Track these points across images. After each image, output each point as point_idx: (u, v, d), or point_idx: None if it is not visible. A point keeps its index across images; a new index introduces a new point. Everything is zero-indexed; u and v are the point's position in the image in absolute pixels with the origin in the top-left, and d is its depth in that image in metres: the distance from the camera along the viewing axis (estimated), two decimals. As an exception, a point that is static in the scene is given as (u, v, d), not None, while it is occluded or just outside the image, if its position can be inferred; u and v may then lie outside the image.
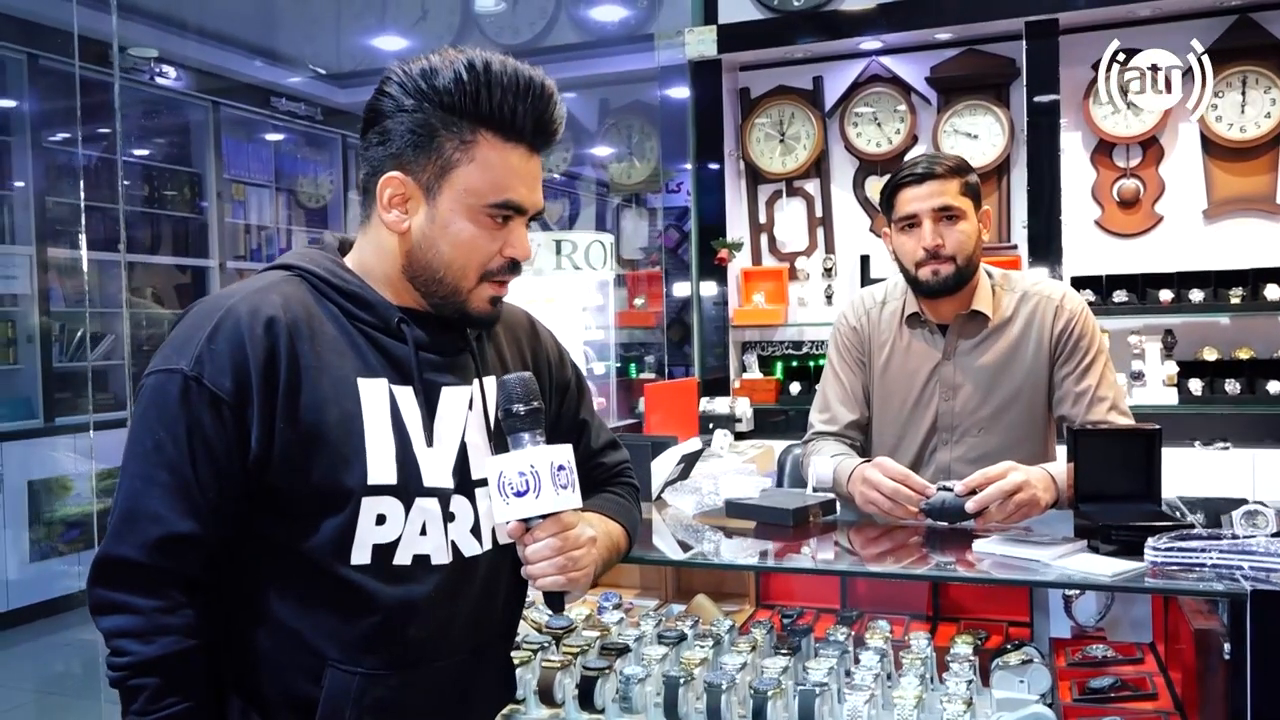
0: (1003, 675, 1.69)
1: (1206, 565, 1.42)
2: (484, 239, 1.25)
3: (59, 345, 5.90)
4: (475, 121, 1.22)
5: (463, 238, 1.25)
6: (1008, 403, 2.13)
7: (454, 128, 1.22)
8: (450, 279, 1.26)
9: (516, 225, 1.27)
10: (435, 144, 1.23)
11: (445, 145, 1.23)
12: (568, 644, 1.83)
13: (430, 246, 1.26)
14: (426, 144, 1.23)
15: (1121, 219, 4.24)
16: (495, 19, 5.53)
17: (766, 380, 4.63)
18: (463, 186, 1.23)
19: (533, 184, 1.28)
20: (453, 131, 1.23)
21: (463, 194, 1.24)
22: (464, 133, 1.22)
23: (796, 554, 1.80)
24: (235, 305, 1.22)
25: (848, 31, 4.39)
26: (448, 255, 1.25)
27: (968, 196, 2.09)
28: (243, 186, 7.19)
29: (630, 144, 5.96)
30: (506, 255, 1.27)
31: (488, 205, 1.24)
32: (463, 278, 1.26)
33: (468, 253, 1.25)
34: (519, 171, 1.25)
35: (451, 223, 1.25)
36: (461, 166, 1.23)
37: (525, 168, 1.26)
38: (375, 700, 1.24)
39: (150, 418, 1.19)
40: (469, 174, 1.23)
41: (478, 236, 1.25)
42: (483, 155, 1.23)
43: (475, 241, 1.25)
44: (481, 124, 1.23)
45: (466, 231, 1.25)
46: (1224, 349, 4.08)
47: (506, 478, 1.22)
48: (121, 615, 1.18)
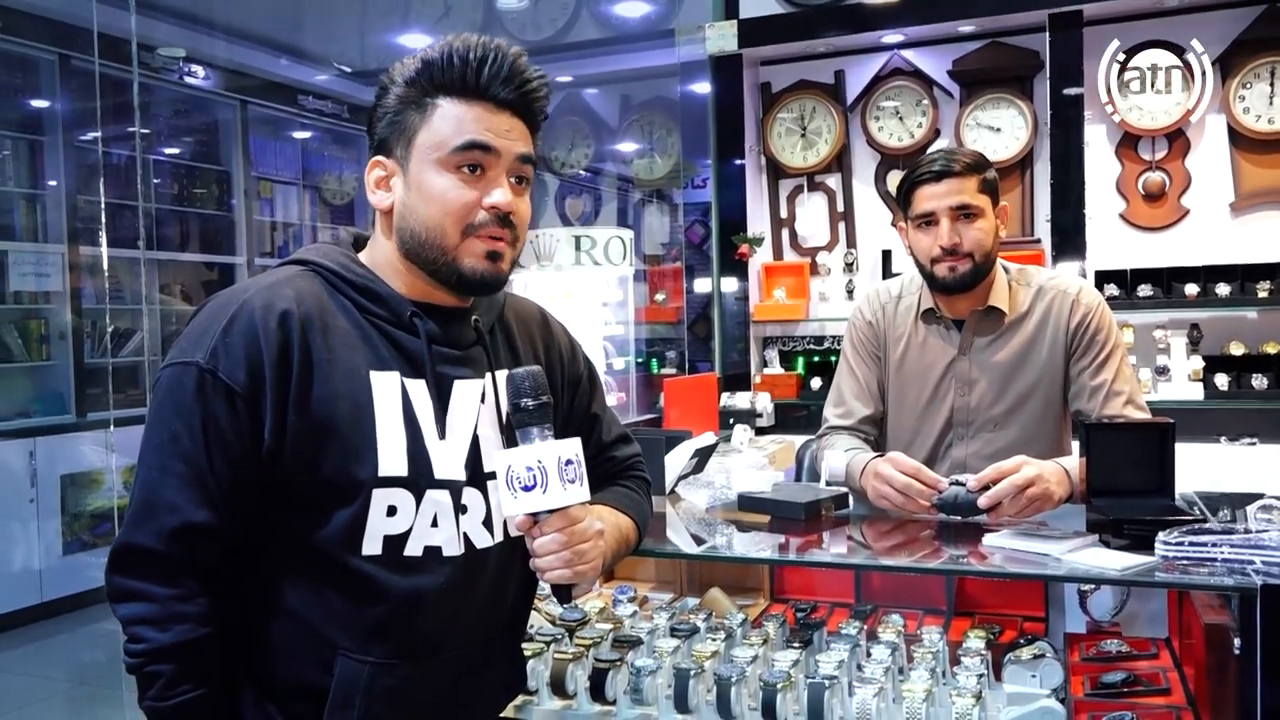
0: (1015, 670, 1.69)
1: (1218, 560, 1.41)
2: (456, 189, 1.26)
3: (90, 342, 6.00)
4: (432, 90, 1.27)
5: (434, 192, 1.27)
6: (1023, 398, 2.12)
7: (414, 101, 1.28)
8: (434, 238, 1.27)
9: (491, 175, 1.28)
10: (401, 120, 1.28)
11: (409, 117, 1.28)
12: (580, 636, 1.85)
13: (410, 213, 1.29)
14: (396, 124, 1.29)
15: (1147, 212, 4.18)
16: (517, 15, 5.55)
17: (788, 375, 4.62)
18: (426, 144, 1.27)
19: (501, 132, 1.27)
20: (413, 104, 1.28)
21: (427, 151, 1.27)
22: (423, 100, 1.27)
23: (808, 548, 1.81)
24: (250, 299, 1.24)
25: (869, 25, 4.36)
26: (424, 214, 1.27)
27: (985, 194, 2.08)
28: (270, 184, 7.27)
29: (652, 140, 5.96)
30: (485, 206, 1.27)
31: (450, 152, 1.26)
32: (443, 234, 1.27)
33: (442, 205, 1.26)
34: (482, 121, 1.27)
35: (422, 182, 1.27)
36: (422, 129, 1.27)
37: (489, 119, 1.27)
38: (385, 689, 1.26)
39: (166, 410, 1.22)
40: (428, 132, 1.27)
41: (449, 188, 1.26)
42: (440, 113, 1.27)
43: (447, 194, 1.26)
44: (438, 91, 1.27)
45: (437, 185, 1.27)
46: (1251, 343, 4.02)
47: (514, 472, 1.24)
48: (138, 603, 1.21)
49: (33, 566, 5.31)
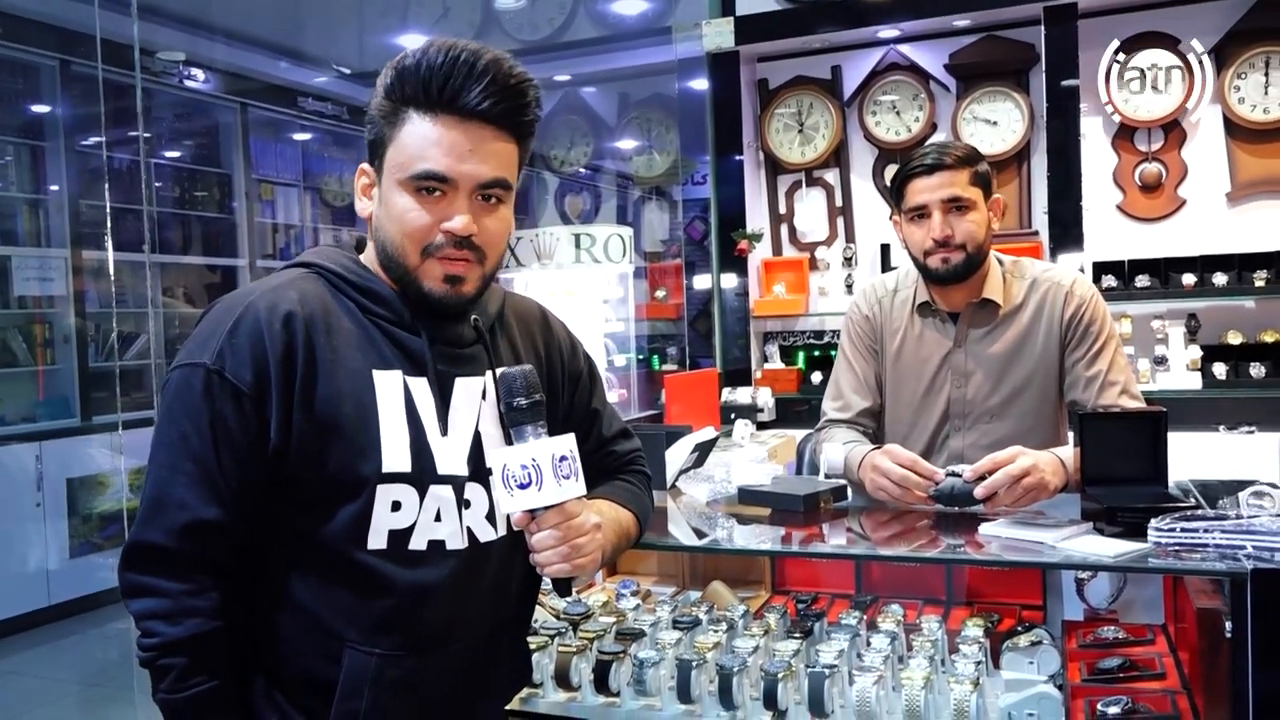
0: (1012, 657, 1.71)
1: (1210, 545, 1.43)
2: (414, 213, 1.27)
3: (94, 346, 6.04)
4: (401, 102, 1.28)
5: (395, 212, 1.29)
6: (1019, 389, 2.14)
7: (387, 113, 1.29)
8: (398, 257, 1.30)
9: (453, 198, 1.27)
10: (377, 132, 1.30)
11: (383, 129, 1.30)
12: (584, 629, 1.87)
13: (381, 226, 1.32)
14: (376, 133, 1.31)
15: (1144, 203, 4.20)
16: (515, 15, 5.57)
17: (788, 370, 4.65)
18: (392, 163, 1.29)
19: (462, 154, 1.26)
20: (386, 116, 1.29)
21: (393, 170, 1.29)
22: (393, 114, 1.28)
23: (809, 540, 1.83)
24: (255, 301, 1.27)
25: (865, 20, 4.38)
26: (389, 231, 1.30)
27: (977, 186, 2.10)
28: (271, 186, 7.30)
29: (650, 137, 5.99)
30: (443, 229, 1.27)
31: (409, 177, 1.27)
32: (405, 254, 1.29)
33: (400, 227, 1.28)
34: (441, 142, 1.25)
35: (389, 200, 1.30)
36: (391, 145, 1.29)
37: (452, 137, 1.25)
38: (392, 681, 1.29)
39: (175, 410, 1.25)
40: (394, 150, 1.28)
41: (408, 210, 1.28)
42: (406, 130, 1.28)
43: (406, 215, 1.28)
44: (406, 103, 1.28)
45: (399, 206, 1.28)
46: (1248, 332, 4.04)
47: (510, 470, 1.26)
48: (150, 598, 1.24)
49: (41, 569, 5.35)
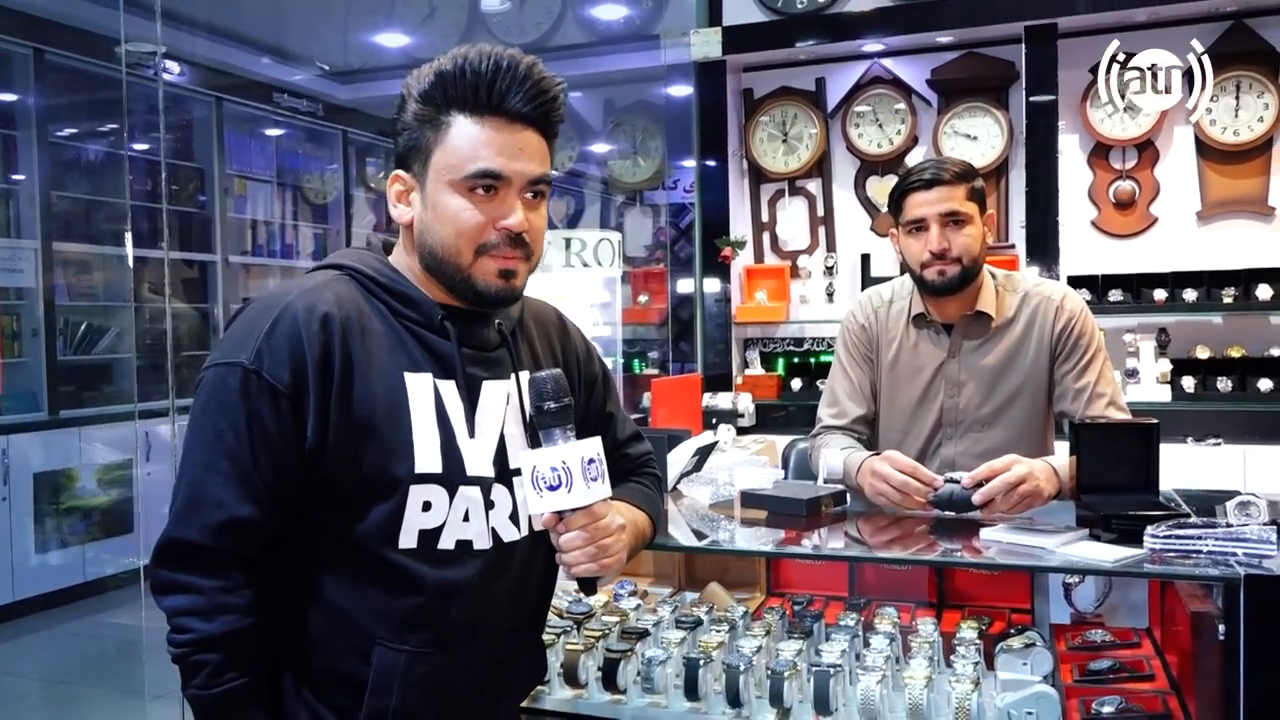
0: (1007, 658, 1.76)
1: (1202, 552, 1.49)
2: (469, 212, 1.30)
3: (63, 339, 5.95)
4: (446, 106, 1.30)
5: (448, 213, 1.31)
6: (1009, 400, 2.21)
7: (429, 118, 1.31)
8: (449, 258, 1.32)
9: (505, 196, 1.31)
10: (419, 136, 1.32)
11: (425, 134, 1.32)
12: (589, 628, 1.90)
13: (427, 230, 1.33)
14: (415, 139, 1.32)
15: (1117, 220, 4.32)
16: (502, 18, 5.59)
17: (768, 376, 4.71)
18: (441, 165, 1.31)
19: (514, 153, 1.30)
20: (429, 121, 1.31)
21: (442, 172, 1.31)
22: (438, 118, 1.31)
23: (810, 542, 1.88)
24: (292, 302, 1.29)
25: (850, 34, 4.46)
26: (440, 234, 1.32)
27: (973, 201, 2.16)
28: (245, 181, 7.24)
29: (635, 143, 6.03)
30: (498, 227, 1.31)
31: (463, 177, 1.29)
32: (458, 254, 1.31)
33: (456, 226, 1.30)
34: (493, 143, 1.29)
35: (438, 202, 1.31)
36: (437, 148, 1.31)
37: (502, 139, 1.29)
38: (420, 677, 1.31)
39: (212, 409, 1.26)
40: (444, 152, 1.30)
41: (463, 209, 1.30)
42: (454, 133, 1.30)
43: (460, 215, 1.30)
44: (451, 106, 1.30)
45: (451, 206, 1.30)
46: (1216, 347, 4.17)
47: (539, 472, 1.29)
48: (184, 595, 1.25)
49: (5, 565, 5.27)
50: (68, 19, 5.64)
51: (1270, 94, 4.07)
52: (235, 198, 7.15)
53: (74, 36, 5.67)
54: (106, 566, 5.65)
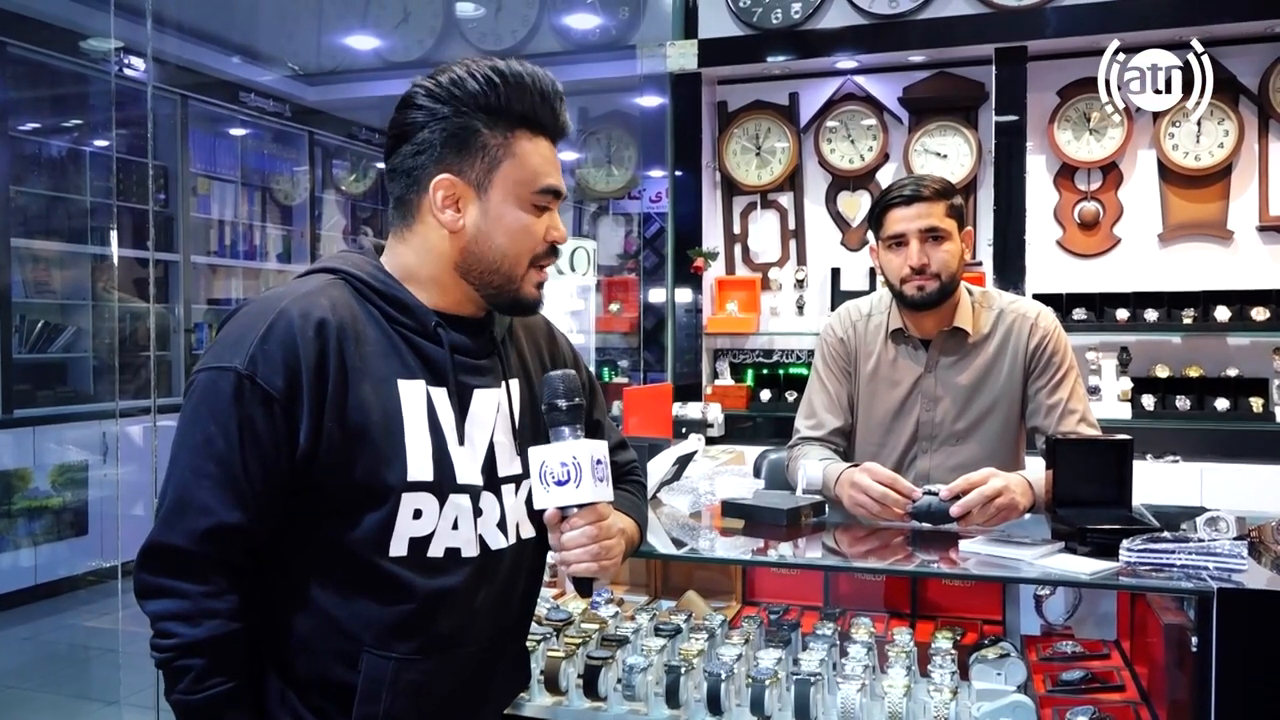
0: (981, 668, 1.80)
1: (1176, 566, 1.54)
2: (536, 225, 1.35)
3: (19, 337, 5.83)
4: (511, 120, 1.33)
5: (516, 226, 1.34)
6: (984, 415, 2.25)
7: (494, 127, 1.32)
8: (506, 268, 1.35)
9: (553, 211, 1.39)
10: (479, 143, 1.32)
11: (490, 144, 1.33)
12: (569, 635, 1.91)
13: (485, 239, 1.34)
14: (471, 145, 1.32)
15: (1082, 240, 4.41)
16: (477, 24, 5.58)
17: (738, 387, 4.74)
18: (512, 179, 1.33)
19: (559, 171, 1.39)
20: (494, 130, 1.32)
21: (512, 185, 1.33)
22: (503, 130, 1.33)
23: (790, 552, 1.90)
24: (287, 308, 1.27)
25: (823, 50, 4.52)
26: (503, 244, 1.34)
27: (952, 218, 2.20)
28: (208, 181, 7.15)
29: (608, 152, 6.05)
30: (549, 239, 1.37)
31: (534, 193, 1.34)
32: (517, 264, 1.35)
33: (520, 240, 1.35)
34: (551, 159, 1.37)
35: (505, 214, 1.34)
36: (506, 161, 1.33)
37: (553, 155, 1.38)
38: (408, 684, 1.31)
39: (202, 413, 1.25)
40: (514, 167, 1.33)
41: (529, 224, 1.35)
42: (521, 149, 1.34)
43: (528, 229, 1.35)
44: (516, 122, 1.33)
45: (519, 220, 1.34)
46: (1175, 367, 4.27)
47: (549, 467, 1.29)
48: (169, 599, 1.23)
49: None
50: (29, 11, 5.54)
51: (1230, 121, 4.18)
52: (199, 197, 7.06)
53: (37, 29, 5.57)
54: (60, 569, 5.53)
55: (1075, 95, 4.32)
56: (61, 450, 5.71)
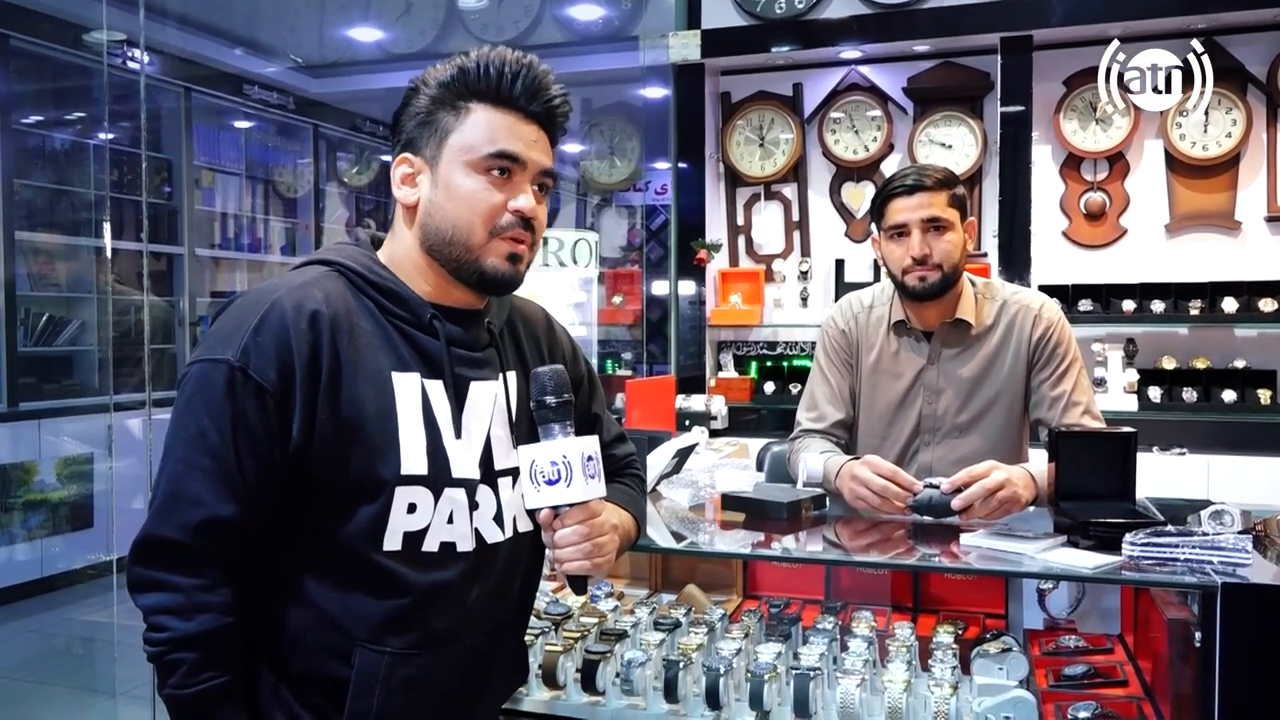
0: (983, 663, 1.78)
1: (1179, 560, 1.51)
2: (484, 191, 1.31)
3: (24, 330, 5.83)
4: (467, 94, 1.32)
5: (463, 191, 1.31)
6: (987, 407, 2.22)
7: (448, 103, 1.32)
8: (460, 237, 1.32)
9: (519, 181, 1.33)
10: (434, 120, 1.33)
11: (442, 117, 1.32)
12: (567, 629, 1.90)
13: (437, 210, 1.33)
14: (428, 123, 1.33)
15: (1088, 231, 4.38)
16: (479, 16, 5.55)
17: (741, 379, 4.72)
18: (458, 145, 1.31)
19: (529, 143, 1.33)
20: (448, 105, 1.32)
21: (459, 152, 1.31)
22: (457, 104, 1.32)
23: (791, 545, 1.88)
24: (280, 300, 1.26)
25: (827, 40, 4.49)
26: (453, 213, 1.32)
27: (955, 208, 2.18)
28: (212, 174, 7.15)
29: (611, 143, 6.02)
30: (511, 209, 1.32)
31: (482, 157, 1.30)
32: (471, 233, 1.31)
33: (470, 205, 1.31)
34: (513, 130, 1.32)
35: (452, 181, 1.32)
36: (455, 130, 1.32)
37: (519, 129, 1.32)
38: (402, 679, 1.30)
39: (195, 405, 1.24)
40: (463, 134, 1.32)
41: (478, 189, 1.31)
42: (474, 117, 1.32)
43: (476, 194, 1.31)
44: (473, 96, 1.32)
45: (466, 185, 1.31)
46: (1182, 358, 4.24)
47: (539, 466, 1.28)
48: (161, 592, 1.22)
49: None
50: (32, 4, 5.53)
51: (1238, 110, 4.14)
52: (203, 190, 7.05)
53: (39, 22, 5.57)
54: (66, 561, 5.55)
55: (1081, 85, 4.28)
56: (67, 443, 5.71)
